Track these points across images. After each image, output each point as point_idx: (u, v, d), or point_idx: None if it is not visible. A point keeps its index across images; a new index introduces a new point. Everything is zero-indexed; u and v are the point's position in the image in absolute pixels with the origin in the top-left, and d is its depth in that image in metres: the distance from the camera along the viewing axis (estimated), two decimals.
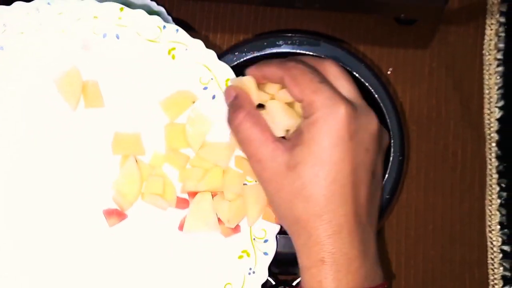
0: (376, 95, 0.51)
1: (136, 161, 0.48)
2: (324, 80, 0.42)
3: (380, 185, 0.45)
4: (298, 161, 0.39)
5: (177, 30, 0.50)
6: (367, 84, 0.51)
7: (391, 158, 0.50)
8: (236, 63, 0.51)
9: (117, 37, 0.49)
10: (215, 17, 0.65)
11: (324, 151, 0.39)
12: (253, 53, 0.52)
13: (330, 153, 0.39)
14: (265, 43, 0.52)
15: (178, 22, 0.54)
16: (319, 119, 0.40)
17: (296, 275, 0.49)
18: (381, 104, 0.51)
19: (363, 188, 0.41)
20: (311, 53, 0.51)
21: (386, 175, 0.49)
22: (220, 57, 0.51)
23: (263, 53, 0.52)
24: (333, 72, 0.44)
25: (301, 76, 0.42)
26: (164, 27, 0.50)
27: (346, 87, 0.43)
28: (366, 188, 0.41)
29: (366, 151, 0.41)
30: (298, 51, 0.52)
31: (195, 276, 0.48)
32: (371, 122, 0.42)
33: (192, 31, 0.58)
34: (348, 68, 0.51)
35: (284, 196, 0.40)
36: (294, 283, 0.49)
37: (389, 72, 0.63)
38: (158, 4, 0.61)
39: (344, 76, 0.44)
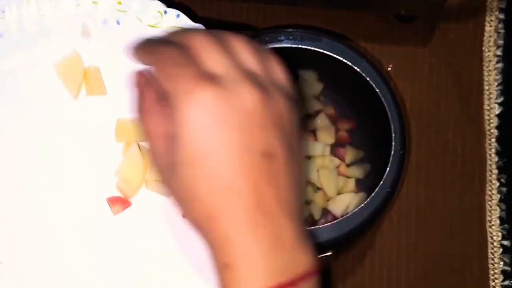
0: (377, 90, 0.51)
1: (140, 148, 0.48)
2: (183, 63, 0.36)
3: (290, 163, 0.37)
4: (176, 162, 0.35)
5: (178, 15, 0.50)
6: (368, 78, 0.51)
7: (392, 152, 0.50)
8: None
9: (118, 23, 0.49)
10: (217, 15, 0.65)
11: (190, 147, 0.34)
12: None
13: (196, 148, 0.34)
14: (266, 39, 0.52)
15: (180, 7, 0.54)
16: (174, 112, 0.35)
17: None
18: (382, 99, 0.51)
19: (256, 175, 0.35)
20: (312, 48, 0.52)
21: (388, 169, 0.50)
22: None
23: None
24: (197, 45, 0.37)
25: (158, 63, 0.37)
26: (165, 12, 0.50)
27: (211, 58, 0.36)
28: (263, 173, 0.35)
29: (245, 132, 0.35)
30: (299, 46, 0.52)
31: (200, 262, 0.47)
32: (243, 96, 0.35)
33: (194, 17, 0.58)
34: (349, 62, 0.52)
35: (176, 197, 0.37)
36: None
37: (389, 69, 0.64)
38: None
39: (209, 46, 0.37)
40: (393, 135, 0.50)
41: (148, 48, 0.39)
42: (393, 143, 0.50)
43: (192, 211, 0.36)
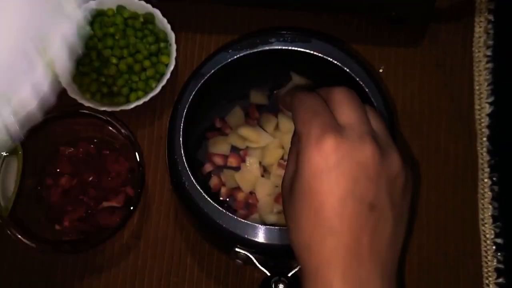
0: (367, 90, 0.52)
1: None
2: (319, 111, 0.41)
3: (393, 219, 0.40)
4: (293, 192, 0.40)
5: None
6: (358, 79, 0.52)
7: None
8: (229, 60, 0.52)
9: None
10: (210, 19, 0.66)
11: (306, 183, 0.39)
12: (247, 50, 0.53)
13: (310, 185, 0.39)
14: (257, 41, 0.53)
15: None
16: (301, 151, 0.40)
17: (291, 267, 0.50)
18: (372, 99, 0.52)
19: (357, 220, 0.38)
20: (302, 50, 0.53)
21: None
22: (215, 54, 0.52)
23: (255, 50, 0.53)
24: (336, 98, 0.43)
25: (298, 108, 0.43)
26: None
27: (346, 113, 0.42)
28: (362, 221, 0.38)
29: (356, 181, 0.38)
30: (290, 48, 0.53)
31: None
32: (362, 149, 0.39)
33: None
34: (339, 63, 0.52)
35: (287, 221, 0.41)
36: (289, 274, 0.49)
37: (380, 71, 0.64)
38: (153, 6, 0.62)
39: (347, 101, 0.43)
40: None
41: (293, 94, 0.45)
42: None
43: (295, 237, 0.40)
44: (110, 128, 0.59)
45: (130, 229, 0.60)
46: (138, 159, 0.57)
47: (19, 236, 0.54)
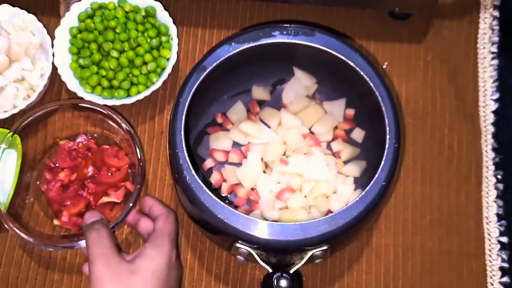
0: (371, 84, 0.51)
1: None
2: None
3: None
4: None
5: None
6: (362, 73, 0.51)
7: (386, 146, 0.50)
8: (232, 53, 0.52)
9: None
10: (212, 14, 0.65)
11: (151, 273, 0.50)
12: (249, 43, 0.52)
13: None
14: (260, 34, 0.52)
15: None
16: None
17: (293, 263, 0.50)
18: (377, 93, 0.51)
19: None
20: (306, 43, 0.52)
21: (382, 163, 0.49)
22: (217, 47, 0.51)
23: (258, 43, 0.52)
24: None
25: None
26: None
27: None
28: None
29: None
30: (293, 41, 0.52)
31: None
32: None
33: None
34: (343, 57, 0.51)
35: None
36: (291, 271, 0.49)
37: (384, 67, 0.64)
38: (155, 0, 0.62)
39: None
40: (388, 128, 0.50)
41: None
42: (388, 137, 0.50)
43: None
44: (111, 122, 0.58)
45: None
46: (138, 155, 0.56)
47: (17, 231, 0.54)
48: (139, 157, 0.56)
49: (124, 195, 0.58)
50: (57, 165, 0.59)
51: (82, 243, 0.53)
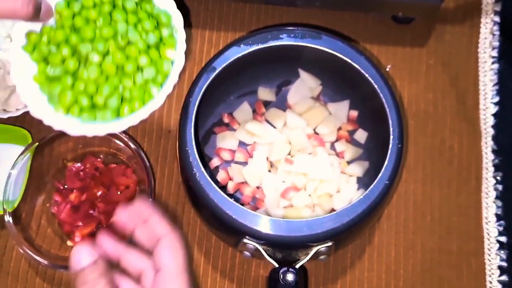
0: (375, 85, 0.53)
1: None
2: None
3: None
4: None
5: None
6: (367, 75, 0.53)
7: (390, 146, 0.51)
8: (241, 54, 0.53)
9: None
10: (219, 16, 0.67)
11: None
12: (258, 45, 0.53)
13: None
14: (269, 36, 0.54)
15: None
16: None
17: (298, 259, 0.51)
18: (381, 95, 0.52)
19: None
20: (313, 46, 0.53)
21: (386, 162, 0.51)
22: (226, 48, 0.53)
23: (266, 45, 0.54)
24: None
25: None
26: None
27: None
28: None
29: None
30: (300, 43, 0.54)
31: None
32: None
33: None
34: (349, 60, 0.53)
35: None
36: (297, 266, 0.50)
37: (387, 69, 0.65)
38: None
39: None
40: (391, 129, 0.51)
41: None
42: (391, 137, 0.51)
43: None
44: (117, 141, 0.58)
45: None
46: (147, 174, 0.56)
47: (33, 255, 0.55)
48: (148, 176, 0.57)
49: None
50: (66, 186, 0.59)
51: None
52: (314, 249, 0.49)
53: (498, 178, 0.62)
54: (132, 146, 0.57)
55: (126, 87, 0.43)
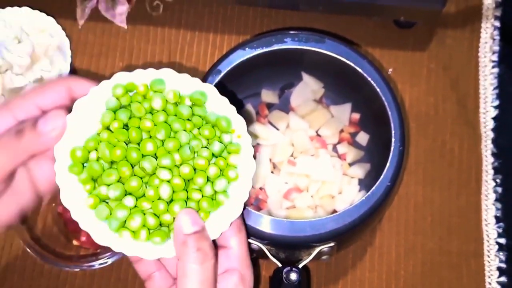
0: (378, 89, 0.53)
1: None
2: None
3: None
4: None
5: None
6: (369, 78, 0.54)
7: (392, 148, 0.52)
8: (246, 57, 0.54)
9: None
10: (223, 19, 0.68)
11: None
12: (262, 48, 0.54)
13: None
14: (273, 39, 0.54)
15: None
16: None
17: (300, 259, 0.52)
18: (383, 98, 0.53)
19: None
20: (317, 50, 0.54)
21: (388, 164, 0.51)
22: (231, 51, 0.53)
23: (271, 49, 0.54)
24: None
25: None
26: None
27: None
28: None
29: None
30: (304, 47, 0.54)
31: None
32: None
33: None
34: (351, 63, 0.54)
35: None
36: (300, 266, 0.51)
37: (389, 73, 0.66)
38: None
39: None
40: (393, 132, 0.52)
41: None
42: (393, 140, 0.52)
43: None
44: None
45: None
46: None
47: (39, 254, 0.55)
48: None
49: None
50: None
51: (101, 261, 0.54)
52: (317, 249, 0.50)
53: (498, 180, 0.63)
54: None
55: (193, 199, 0.40)
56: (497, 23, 0.67)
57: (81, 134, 0.40)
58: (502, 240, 0.61)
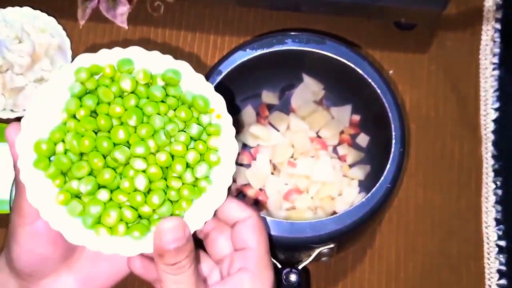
0: (378, 90, 0.53)
1: None
2: None
3: None
4: None
5: None
6: (370, 80, 0.54)
7: (392, 150, 0.52)
8: (246, 58, 0.54)
9: None
10: (224, 20, 0.68)
11: None
12: (263, 49, 0.54)
13: None
14: (274, 41, 0.54)
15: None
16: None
17: (300, 260, 0.52)
18: (383, 99, 0.53)
19: None
20: (317, 51, 0.54)
21: (388, 166, 0.51)
22: (232, 52, 0.53)
23: (272, 50, 0.54)
24: None
25: None
26: None
27: None
28: None
29: None
30: (304, 48, 0.54)
31: None
32: None
33: None
34: (352, 65, 0.54)
35: None
36: (299, 267, 0.51)
37: (390, 73, 0.66)
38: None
39: None
40: (393, 133, 0.52)
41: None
42: (393, 141, 0.52)
43: None
44: None
45: None
46: None
47: None
48: None
49: None
50: None
51: None
52: (317, 251, 0.50)
53: (498, 183, 0.63)
54: None
55: (173, 188, 0.37)
56: (498, 25, 0.67)
57: (45, 125, 0.36)
58: (502, 243, 0.61)
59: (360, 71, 0.54)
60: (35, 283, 0.40)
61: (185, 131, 0.37)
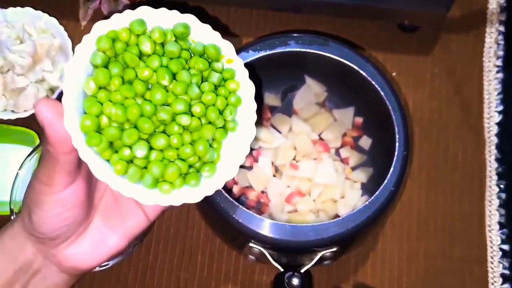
0: (382, 93, 0.53)
1: None
2: None
3: None
4: None
5: None
6: (373, 82, 0.53)
7: (395, 153, 0.51)
8: (249, 59, 0.54)
9: None
10: (226, 21, 0.67)
11: None
12: (265, 51, 0.54)
13: None
14: (277, 42, 0.54)
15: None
16: None
17: (302, 264, 0.51)
18: (387, 102, 0.53)
19: None
20: (319, 52, 0.54)
21: (391, 169, 0.51)
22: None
23: (274, 51, 0.54)
24: None
25: None
26: None
27: None
28: None
29: None
30: (307, 50, 0.54)
31: None
32: None
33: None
34: (355, 66, 0.53)
35: None
36: (302, 270, 0.50)
37: (393, 75, 0.66)
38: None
39: None
40: (397, 136, 0.52)
41: None
42: (397, 144, 0.51)
43: None
44: None
45: None
46: None
47: None
48: None
49: None
50: None
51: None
52: (319, 254, 0.50)
53: (502, 186, 0.62)
54: None
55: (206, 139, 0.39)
56: (502, 28, 0.67)
57: (78, 101, 0.37)
58: (506, 247, 0.61)
59: (363, 73, 0.53)
60: (56, 247, 0.41)
61: (207, 81, 0.39)
